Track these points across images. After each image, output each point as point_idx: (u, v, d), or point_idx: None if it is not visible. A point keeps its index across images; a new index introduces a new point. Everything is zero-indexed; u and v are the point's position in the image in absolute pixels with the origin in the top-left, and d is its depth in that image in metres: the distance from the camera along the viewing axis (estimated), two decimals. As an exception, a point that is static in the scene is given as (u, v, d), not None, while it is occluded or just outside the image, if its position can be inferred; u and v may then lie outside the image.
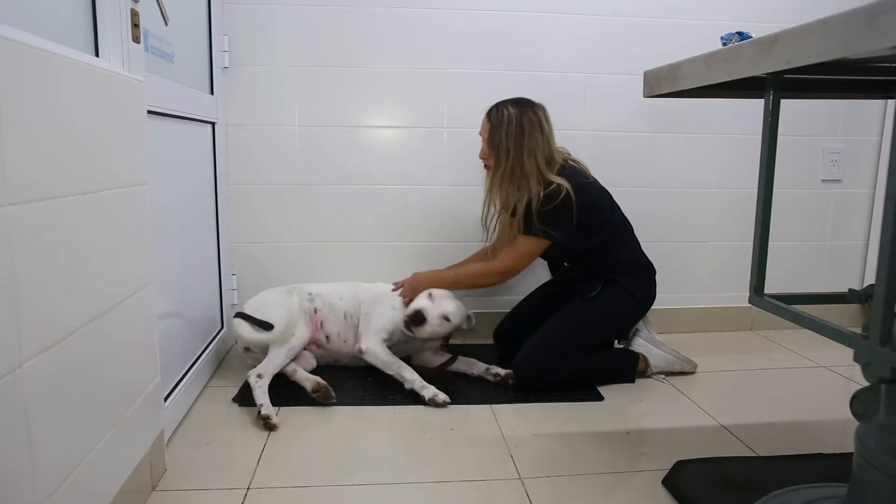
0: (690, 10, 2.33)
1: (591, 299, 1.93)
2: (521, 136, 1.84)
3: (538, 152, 1.85)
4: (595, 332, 1.96)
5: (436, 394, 1.76)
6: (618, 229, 1.97)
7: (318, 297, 1.99)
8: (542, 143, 1.86)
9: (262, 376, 1.72)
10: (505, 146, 1.85)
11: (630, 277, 1.94)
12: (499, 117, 1.87)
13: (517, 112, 1.86)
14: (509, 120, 1.85)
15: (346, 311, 1.99)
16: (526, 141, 1.84)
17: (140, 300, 1.24)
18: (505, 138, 1.85)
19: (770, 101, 1.05)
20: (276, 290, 2.00)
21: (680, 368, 2.02)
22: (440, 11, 2.25)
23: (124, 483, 1.15)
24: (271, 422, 1.60)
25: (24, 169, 0.83)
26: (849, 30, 0.75)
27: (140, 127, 1.26)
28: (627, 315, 2.02)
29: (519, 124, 1.85)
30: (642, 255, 2.02)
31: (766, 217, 1.09)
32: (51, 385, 0.90)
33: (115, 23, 1.23)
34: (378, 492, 1.33)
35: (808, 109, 2.43)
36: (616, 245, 1.96)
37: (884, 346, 0.84)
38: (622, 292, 1.93)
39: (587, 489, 1.34)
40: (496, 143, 1.87)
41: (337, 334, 1.98)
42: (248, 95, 2.22)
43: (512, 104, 1.88)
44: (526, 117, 1.86)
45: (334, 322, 1.98)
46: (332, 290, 2.03)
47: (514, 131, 1.85)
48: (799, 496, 1.21)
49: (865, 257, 2.59)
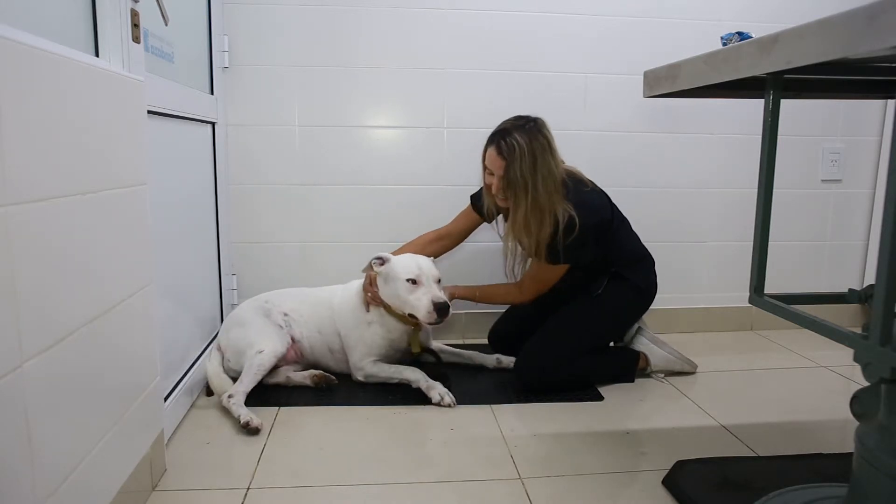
0: (690, 10, 2.33)
1: (597, 298, 1.92)
2: (535, 166, 1.74)
3: (552, 179, 1.77)
4: (602, 334, 1.97)
5: (442, 397, 1.76)
6: (619, 227, 1.97)
7: (293, 323, 1.93)
8: (553, 167, 1.78)
9: (234, 395, 1.66)
10: (523, 182, 1.75)
11: (633, 269, 1.94)
12: (510, 150, 1.75)
13: (527, 140, 1.75)
14: (521, 152, 1.74)
15: (329, 346, 1.94)
16: (540, 170, 1.75)
17: (140, 300, 1.24)
18: (520, 173, 1.74)
19: (770, 101, 1.05)
20: (251, 310, 1.93)
21: (680, 368, 2.02)
22: (440, 11, 2.25)
23: (124, 483, 1.15)
24: (252, 425, 1.56)
25: (25, 169, 0.83)
26: (849, 30, 0.75)
27: (140, 127, 1.26)
28: (634, 310, 2.02)
29: (532, 154, 1.75)
30: (642, 246, 2.01)
31: (766, 217, 1.09)
32: (51, 385, 0.90)
33: (115, 23, 1.23)
34: (378, 492, 1.33)
35: (808, 109, 2.43)
36: (619, 242, 1.95)
37: (884, 346, 0.84)
38: (627, 286, 1.92)
39: (587, 489, 1.34)
40: (513, 181, 1.76)
41: (320, 355, 1.96)
42: (248, 95, 2.22)
43: (518, 132, 1.76)
44: (536, 143, 1.76)
45: (318, 350, 1.95)
46: (307, 319, 1.94)
47: (528, 163, 1.74)
48: (799, 496, 1.21)
49: (865, 257, 2.59)
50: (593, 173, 1.97)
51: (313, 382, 1.83)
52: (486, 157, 1.84)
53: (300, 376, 1.85)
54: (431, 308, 1.74)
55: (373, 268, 1.87)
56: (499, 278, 2.13)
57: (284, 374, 1.86)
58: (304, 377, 1.84)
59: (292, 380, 1.85)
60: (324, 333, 1.94)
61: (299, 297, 2.00)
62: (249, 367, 1.73)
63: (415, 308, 1.77)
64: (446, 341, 2.20)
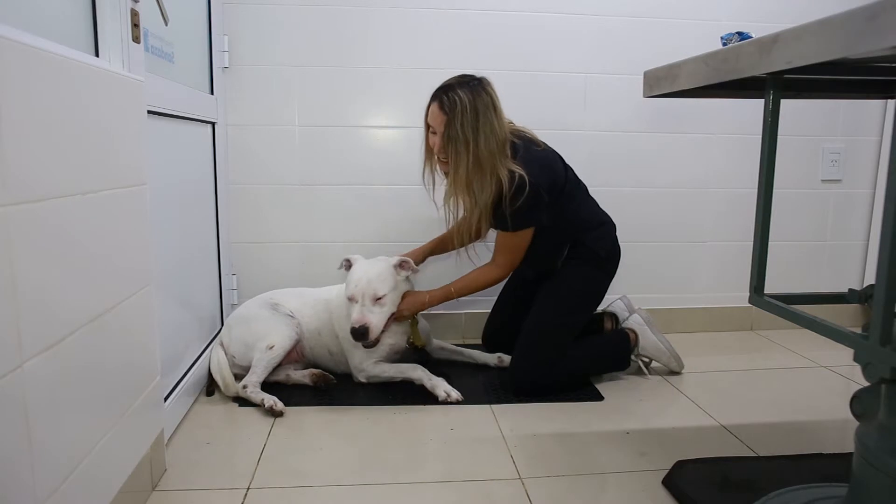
0: (690, 10, 2.33)
1: (561, 277, 1.90)
2: (477, 122, 1.71)
3: (495, 138, 1.73)
4: (577, 316, 1.92)
5: (448, 393, 1.76)
6: (575, 190, 1.92)
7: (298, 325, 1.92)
8: (497, 126, 1.74)
9: (248, 385, 1.73)
10: (463, 138, 1.71)
11: (592, 234, 1.91)
12: (452, 106, 1.71)
13: (469, 96, 1.71)
14: (463, 107, 1.70)
15: (329, 348, 1.95)
16: (481, 127, 1.71)
17: (140, 300, 1.24)
18: (461, 129, 1.71)
19: (770, 101, 1.05)
20: (256, 306, 1.93)
21: (666, 362, 2.01)
22: (440, 11, 2.25)
23: (124, 483, 1.15)
24: (277, 408, 1.66)
25: (25, 169, 0.83)
26: (849, 30, 0.75)
27: (140, 127, 1.26)
28: (601, 281, 1.97)
29: (474, 109, 1.71)
30: (601, 211, 1.98)
31: (766, 217, 1.09)
32: (51, 385, 0.90)
33: (115, 23, 1.23)
34: (378, 492, 1.33)
35: (808, 109, 2.43)
36: (574, 204, 1.91)
37: (884, 346, 0.84)
38: (588, 256, 1.89)
39: (587, 489, 1.34)
40: (453, 137, 1.72)
41: (319, 356, 1.96)
42: (248, 95, 2.22)
43: (462, 88, 1.73)
44: (479, 100, 1.72)
45: (317, 351, 1.96)
46: (308, 320, 1.93)
47: (469, 119, 1.70)
48: (799, 496, 1.21)
49: (865, 257, 2.59)
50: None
51: (312, 381, 1.84)
52: (429, 113, 1.80)
53: (300, 375, 1.86)
54: (350, 330, 1.74)
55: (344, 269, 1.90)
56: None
57: (284, 372, 1.86)
58: (304, 376, 1.85)
59: (292, 378, 1.86)
60: (323, 335, 1.94)
61: (301, 298, 1.99)
62: (260, 360, 1.76)
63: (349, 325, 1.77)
64: (446, 341, 2.20)
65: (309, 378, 1.84)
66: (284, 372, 1.86)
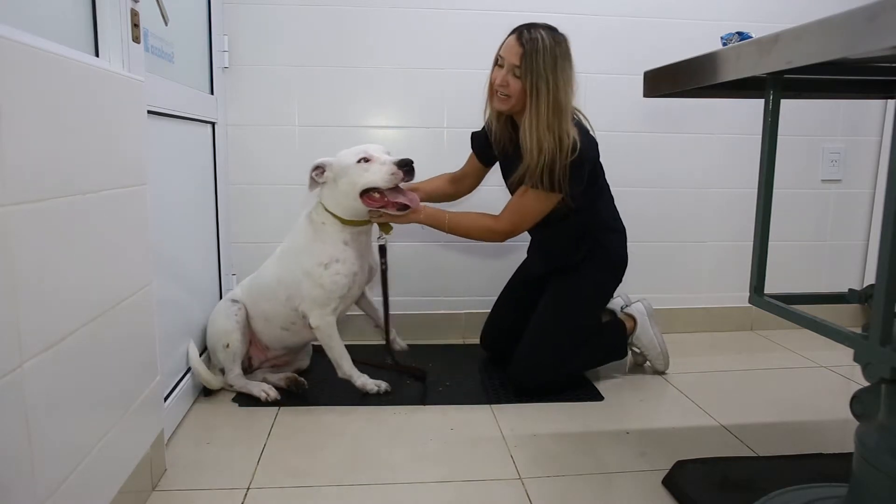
0: (690, 10, 2.33)
1: (573, 279, 1.88)
2: (556, 66, 1.63)
3: (571, 91, 1.66)
4: (585, 320, 1.92)
5: (377, 386, 1.79)
6: (605, 186, 1.92)
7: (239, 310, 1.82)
8: (573, 80, 1.67)
9: (233, 384, 1.80)
10: (544, 75, 1.61)
11: (609, 236, 1.91)
12: (532, 42, 1.62)
13: (551, 40, 1.64)
14: (544, 46, 1.62)
15: (281, 325, 1.81)
16: (561, 73, 1.64)
17: (140, 300, 1.24)
18: (542, 66, 1.61)
19: (770, 101, 1.05)
20: (221, 305, 1.87)
21: (654, 358, 2.01)
22: (440, 11, 2.25)
23: (124, 483, 1.15)
24: (271, 398, 1.76)
25: (25, 169, 0.83)
26: (849, 30, 0.75)
27: (140, 127, 1.26)
28: (609, 288, 1.97)
29: (553, 54, 1.63)
30: (620, 219, 1.97)
31: (766, 217, 1.09)
32: (51, 385, 0.90)
33: (115, 23, 1.23)
34: (378, 492, 1.33)
35: (808, 109, 2.43)
36: (602, 201, 1.90)
37: (884, 346, 0.84)
38: (603, 258, 1.88)
39: (587, 489, 1.34)
40: (533, 71, 1.62)
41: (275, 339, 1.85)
42: (248, 95, 2.22)
43: (543, 29, 1.66)
44: (559, 48, 1.65)
45: (272, 335, 1.84)
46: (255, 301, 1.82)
47: (549, 60, 1.62)
48: (799, 496, 1.21)
49: (865, 257, 2.59)
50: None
51: (286, 385, 1.85)
52: (504, 46, 1.71)
53: (275, 378, 1.87)
54: (395, 168, 1.61)
55: (315, 181, 1.73)
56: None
57: (261, 376, 1.88)
58: (280, 379, 1.86)
59: (268, 381, 1.86)
60: (272, 317, 1.80)
61: (247, 283, 1.89)
62: (226, 359, 1.80)
63: (374, 181, 1.62)
64: (446, 341, 2.20)
65: (284, 381, 1.85)
66: (262, 375, 1.88)
